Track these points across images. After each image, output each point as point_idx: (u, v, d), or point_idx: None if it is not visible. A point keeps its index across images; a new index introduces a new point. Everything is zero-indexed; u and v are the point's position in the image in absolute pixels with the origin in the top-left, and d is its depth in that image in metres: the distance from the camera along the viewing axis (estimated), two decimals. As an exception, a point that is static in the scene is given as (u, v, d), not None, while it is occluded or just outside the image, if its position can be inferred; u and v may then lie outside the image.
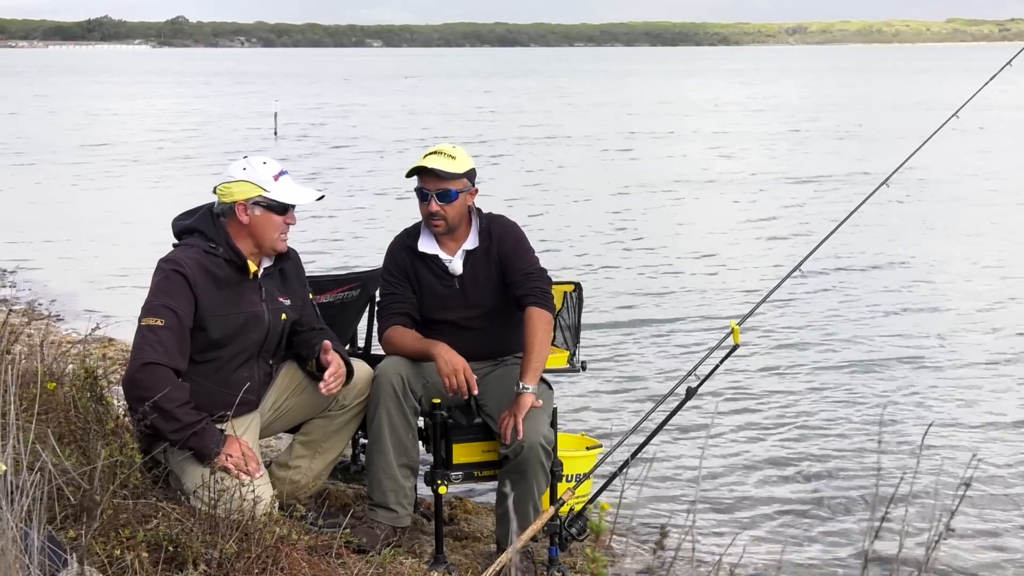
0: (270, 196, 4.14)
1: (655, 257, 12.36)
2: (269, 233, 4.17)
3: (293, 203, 4.19)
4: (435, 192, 4.43)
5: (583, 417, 6.86)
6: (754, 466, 6.16)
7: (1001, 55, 5.94)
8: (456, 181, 4.44)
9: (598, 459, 4.63)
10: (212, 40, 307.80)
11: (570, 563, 4.51)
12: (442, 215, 4.44)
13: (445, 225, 4.47)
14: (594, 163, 22.03)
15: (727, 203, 16.64)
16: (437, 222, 4.46)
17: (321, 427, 4.37)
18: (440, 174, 4.41)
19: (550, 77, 75.91)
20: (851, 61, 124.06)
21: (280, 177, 4.18)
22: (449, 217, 4.45)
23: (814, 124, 30.92)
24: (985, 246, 12.94)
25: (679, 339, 8.91)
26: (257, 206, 4.14)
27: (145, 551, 3.30)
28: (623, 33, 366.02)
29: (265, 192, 4.14)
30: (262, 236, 4.17)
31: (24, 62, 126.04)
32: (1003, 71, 5.48)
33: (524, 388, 4.25)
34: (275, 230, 4.18)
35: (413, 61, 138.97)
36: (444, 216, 4.44)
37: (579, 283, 4.97)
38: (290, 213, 4.21)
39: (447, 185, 4.43)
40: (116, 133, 29.58)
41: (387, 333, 4.49)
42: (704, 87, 58.64)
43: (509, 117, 35.36)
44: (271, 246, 4.20)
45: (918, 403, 7.24)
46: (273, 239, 4.19)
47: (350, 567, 3.85)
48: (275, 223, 4.17)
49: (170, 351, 3.95)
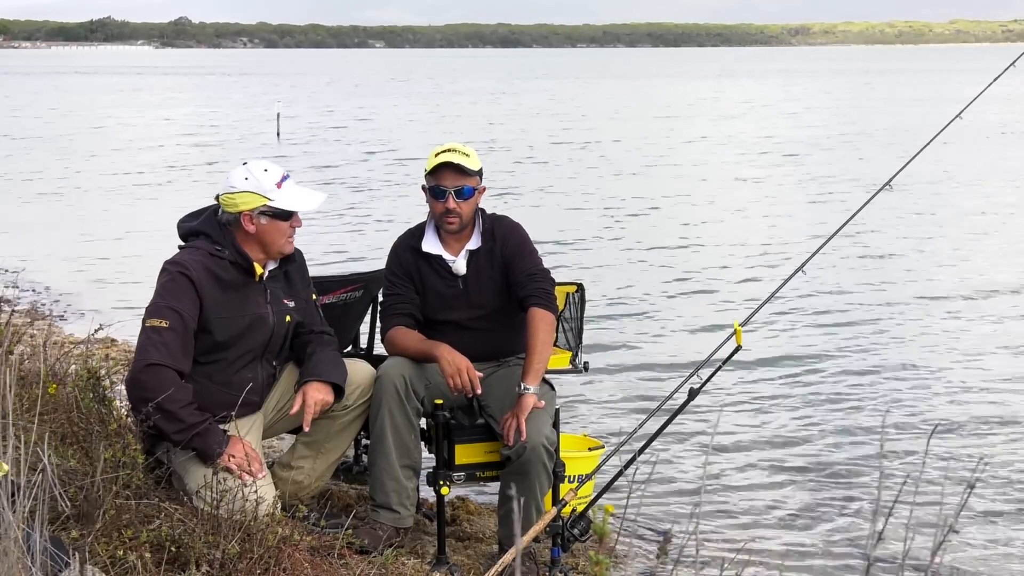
0: (275, 205, 4.13)
1: (658, 257, 12.35)
2: (276, 239, 4.18)
3: (298, 210, 4.19)
4: (453, 189, 4.42)
5: (585, 418, 6.86)
6: (757, 467, 6.15)
7: (1010, 55, 5.93)
8: (473, 178, 4.46)
9: (600, 460, 4.63)
10: (215, 41, 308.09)
11: (572, 564, 4.51)
12: (458, 212, 4.44)
13: (460, 223, 4.46)
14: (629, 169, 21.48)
15: (728, 203, 16.62)
16: (452, 219, 4.45)
17: (324, 428, 4.37)
18: (463, 169, 4.42)
19: (560, 80, 75.69)
20: (871, 62, 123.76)
21: (283, 183, 4.16)
22: (464, 215, 4.45)
23: (851, 127, 30.54)
24: (990, 245, 12.92)
25: (682, 340, 8.90)
26: (263, 215, 4.14)
27: (148, 552, 3.30)
28: (626, 34, 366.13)
29: (269, 201, 4.13)
30: (270, 243, 4.18)
31: (25, 63, 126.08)
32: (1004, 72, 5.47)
33: (525, 389, 4.24)
34: (282, 236, 4.19)
35: (417, 62, 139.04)
36: (460, 213, 4.44)
37: (582, 284, 4.96)
38: (296, 216, 4.21)
39: (465, 181, 4.44)
40: (118, 134, 29.60)
41: (390, 334, 4.49)
42: (730, 88, 58.31)
43: (545, 120, 34.85)
44: (279, 251, 4.21)
45: (923, 404, 7.23)
46: (280, 244, 4.20)
47: (352, 568, 3.84)
48: (281, 229, 4.17)
49: (174, 352, 3.95)
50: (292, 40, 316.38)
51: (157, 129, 31.14)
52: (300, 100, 46.39)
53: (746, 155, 23.46)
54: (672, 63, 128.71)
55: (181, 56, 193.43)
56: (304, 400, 4.16)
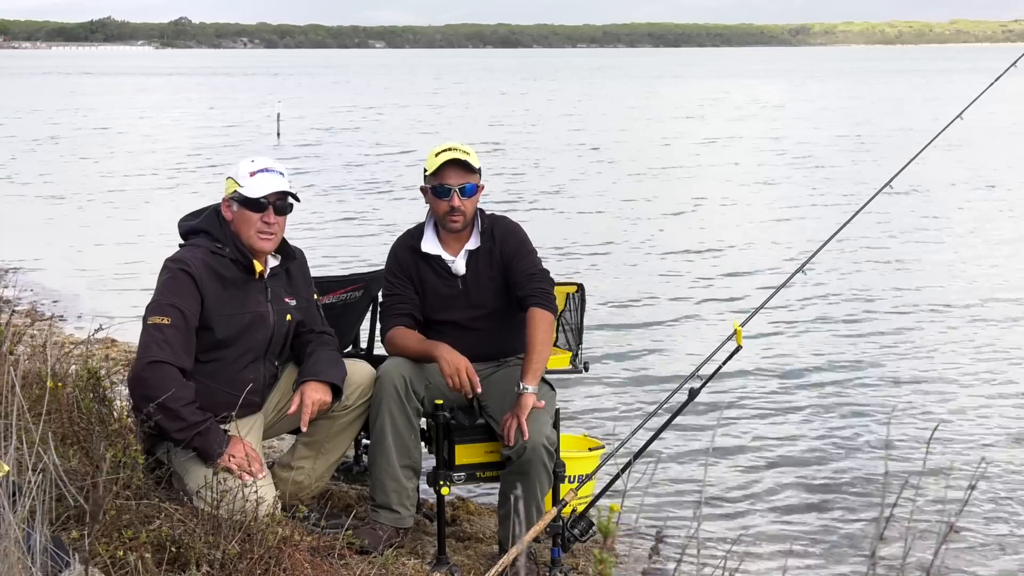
0: (242, 192, 4.14)
1: (658, 257, 12.35)
2: (245, 230, 4.15)
3: (254, 196, 4.12)
4: (458, 187, 4.42)
5: (586, 418, 6.85)
6: (758, 467, 6.15)
7: (1010, 55, 5.93)
8: (475, 175, 4.47)
9: (601, 460, 4.62)
10: (215, 41, 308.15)
11: (572, 564, 4.51)
12: (462, 210, 4.44)
13: (463, 220, 4.47)
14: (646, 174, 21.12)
15: (730, 205, 16.61)
16: (456, 217, 4.45)
17: (324, 428, 4.37)
18: (468, 166, 4.42)
19: (563, 81, 75.63)
20: (876, 62, 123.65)
21: (258, 174, 4.15)
22: (467, 212, 4.46)
23: (864, 128, 30.42)
24: (992, 246, 12.93)
25: (682, 340, 8.90)
26: (235, 202, 4.16)
27: (148, 552, 3.30)
28: (626, 34, 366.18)
29: (239, 188, 4.15)
30: (240, 233, 4.16)
31: (25, 64, 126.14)
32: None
33: (525, 389, 4.25)
34: (250, 227, 4.14)
35: (423, 61, 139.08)
36: (463, 211, 4.44)
37: (581, 284, 4.97)
38: (268, 212, 4.15)
39: (469, 179, 4.44)
40: (119, 135, 29.60)
41: (389, 334, 4.49)
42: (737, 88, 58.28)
43: (554, 121, 34.68)
44: (249, 244, 4.16)
45: (924, 404, 7.23)
46: (249, 236, 4.15)
47: (352, 568, 3.85)
48: (250, 220, 4.14)
49: (176, 350, 3.95)
50: (292, 40, 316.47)
51: (158, 131, 31.12)
52: (302, 101, 46.36)
53: (757, 156, 23.39)
54: (678, 64, 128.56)
55: (181, 57, 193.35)
56: (302, 400, 4.16)
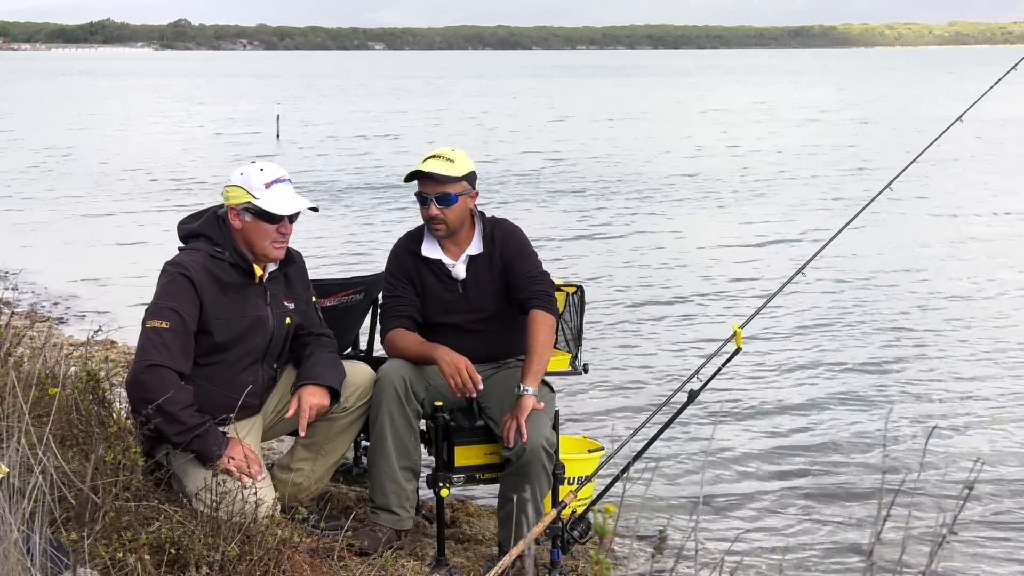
0: (259, 204, 4.10)
1: (658, 259, 12.35)
2: (260, 241, 4.13)
3: (278, 212, 4.11)
4: (434, 196, 4.41)
5: (585, 420, 6.85)
6: (757, 469, 6.16)
7: (1011, 56, 5.94)
8: (455, 184, 4.42)
9: (600, 462, 4.62)
10: (214, 43, 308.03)
11: (572, 566, 4.51)
12: (442, 219, 4.43)
13: (446, 229, 4.46)
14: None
15: (731, 204, 16.62)
16: (438, 226, 4.45)
17: (323, 430, 4.37)
18: (438, 178, 4.39)
19: (563, 81, 75.54)
20: (878, 61, 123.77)
21: (273, 185, 4.12)
22: (449, 221, 4.44)
23: (872, 128, 30.30)
24: (991, 248, 12.93)
25: (682, 342, 8.90)
26: (247, 212, 4.12)
27: (147, 554, 3.30)
28: (625, 36, 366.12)
29: (254, 200, 4.10)
30: (253, 243, 4.14)
31: (25, 64, 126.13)
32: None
33: (524, 390, 4.24)
34: (266, 238, 4.13)
35: (426, 62, 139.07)
36: (444, 220, 4.43)
37: (581, 285, 4.97)
38: (284, 222, 4.14)
39: (446, 189, 4.41)
40: (119, 136, 29.61)
41: (389, 336, 4.49)
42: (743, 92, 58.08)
43: (553, 125, 34.70)
44: (263, 253, 4.16)
45: (922, 405, 7.23)
46: (264, 246, 4.14)
47: (352, 570, 3.85)
48: (265, 231, 4.13)
49: (174, 353, 3.95)
50: (292, 42, 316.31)
51: (158, 131, 31.13)
52: (303, 101, 46.36)
53: (767, 157, 23.37)
54: (684, 64, 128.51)
55: (181, 58, 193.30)
56: (299, 405, 4.16)
